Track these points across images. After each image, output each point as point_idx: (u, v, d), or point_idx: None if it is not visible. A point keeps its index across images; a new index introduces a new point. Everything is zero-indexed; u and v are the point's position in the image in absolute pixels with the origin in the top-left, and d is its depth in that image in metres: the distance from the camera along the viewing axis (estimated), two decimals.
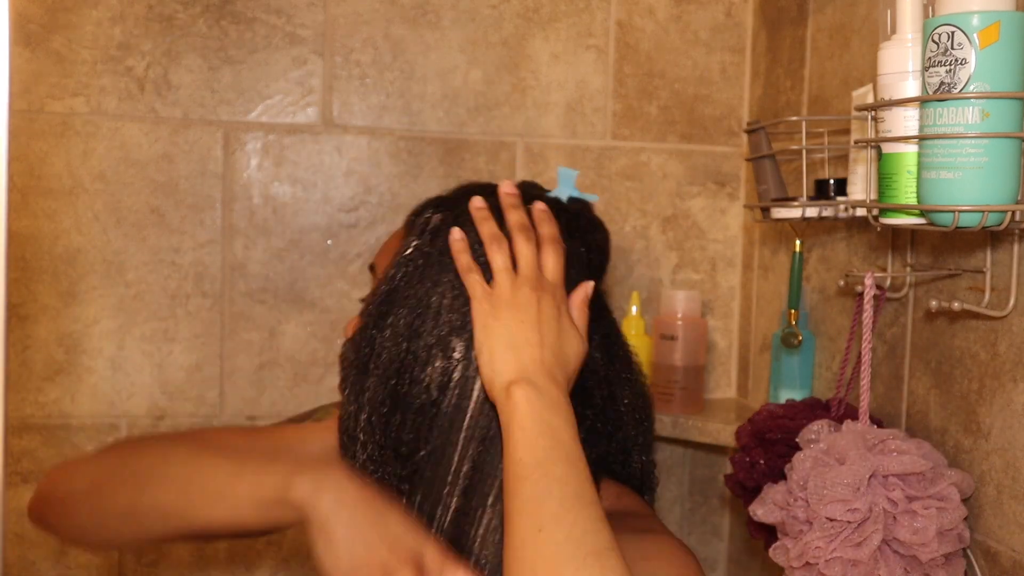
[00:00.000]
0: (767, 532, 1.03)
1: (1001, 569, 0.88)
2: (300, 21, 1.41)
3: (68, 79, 1.35)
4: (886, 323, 1.08)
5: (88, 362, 1.37)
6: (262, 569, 1.43)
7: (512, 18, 1.46)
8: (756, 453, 1.04)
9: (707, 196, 1.52)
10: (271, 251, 1.42)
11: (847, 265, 1.17)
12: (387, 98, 1.44)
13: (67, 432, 1.37)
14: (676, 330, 1.37)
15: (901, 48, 0.85)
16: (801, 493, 0.90)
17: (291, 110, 1.41)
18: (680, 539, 0.89)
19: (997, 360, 0.89)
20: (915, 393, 1.03)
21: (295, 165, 1.42)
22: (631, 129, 1.50)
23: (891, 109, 0.86)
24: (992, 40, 0.74)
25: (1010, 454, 0.87)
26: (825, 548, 0.88)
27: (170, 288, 1.39)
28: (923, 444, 0.91)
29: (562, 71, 1.47)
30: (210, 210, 1.40)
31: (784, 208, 1.06)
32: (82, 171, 1.36)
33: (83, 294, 1.37)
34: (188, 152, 1.39)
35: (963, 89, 0.76)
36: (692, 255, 1.52)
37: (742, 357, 1.52)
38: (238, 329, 1.41)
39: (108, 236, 1.37)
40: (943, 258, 0.98)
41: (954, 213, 0.77)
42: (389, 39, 1.43)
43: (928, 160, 0.79)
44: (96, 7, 1.36)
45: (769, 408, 1.08)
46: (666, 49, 1.50)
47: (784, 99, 1.38)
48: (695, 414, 1.37)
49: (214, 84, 1.39)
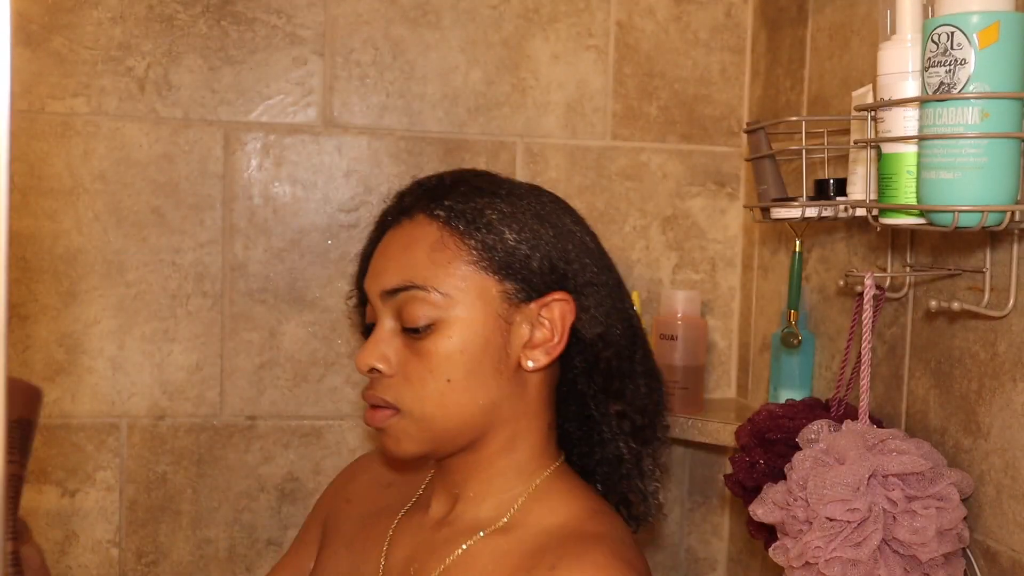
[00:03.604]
0: (767, 532, 1.03)
1: (1000, 569, 0.88)
2: (300, 21, 1.41)
3: (69, 79, 1.35)
4: (886, 323, 1.08)
5: (88, 362, 1.38)
6: (262, 569, 1.43)
7: (512, 18, 1.46)
8: (756, 453, 1.04)
9: (707, 196, 1.52)
10: (271, 251, 1.42)
11: (847, 265, 1.17)
12: (387, 98, 1.44)
13: (67, 432, 1.37)
14: (676, 330, 1.37)
15: (901, 48, 0.86)
16: (801, 493, 0.91)
17: (291, 110, 1.41)
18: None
19: (997, 360, 0.89)
20: (915, 393, 1.03)
21: (295, 165, 1.42)
22: (631, 129, 1.50)
23: (891, 109, 0.86)
24: (992, 40, 0.75)
25: (1009, 454, 0.87)
26: (825, 548, 0.88)
27: (170, 288, 1.39)
28: (923, 444, 0.92)
29: (562, 71, 1.47)
30: (210, 210, 1.40)
31: (784, 208, 1.06)
32: (83, 171, 1.36)
33: (83, 294, 1.37)
34: (188, 152, 1.39)
35: (963, 89, 0.76)
36: (692, 255, 1.53)
37: (742, 357, 1.52)
38: (238, 329, 1.41)
39: (108, 236, 1.37)
40: (943, 258, 0.98)
41: (954, 213, 0.77)
42: (389, 39, 1.43)
43: (928, 160, 0.79)
44: (96, 7, 1.36)
45: (769, 408, 1.08)
46: (666, 49, 1.50)
47: (784, 99, 1.38)
48: (695, 414, 1.37)
49: (214, 84, 1.39)
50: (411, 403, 0.92)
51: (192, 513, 1.42)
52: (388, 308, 0.94)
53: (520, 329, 0.93)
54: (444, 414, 0.92)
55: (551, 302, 0.93)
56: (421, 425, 0.92)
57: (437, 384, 0.91)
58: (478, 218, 0.94)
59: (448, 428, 0.93)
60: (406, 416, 0.93)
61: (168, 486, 1.41)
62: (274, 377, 1.42)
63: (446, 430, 0.93)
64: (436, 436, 0.93)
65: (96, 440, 1.38)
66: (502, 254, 0.93)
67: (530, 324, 0.93)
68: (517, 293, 0.93)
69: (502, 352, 0.92)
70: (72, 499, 1.38)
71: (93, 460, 1.38)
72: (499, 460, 0.96)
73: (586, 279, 0.96)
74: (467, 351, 0.91)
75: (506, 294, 0.93)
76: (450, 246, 0.93)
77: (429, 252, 0.93)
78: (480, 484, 0.96)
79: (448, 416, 0.92)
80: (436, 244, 0.93)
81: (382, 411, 0.94)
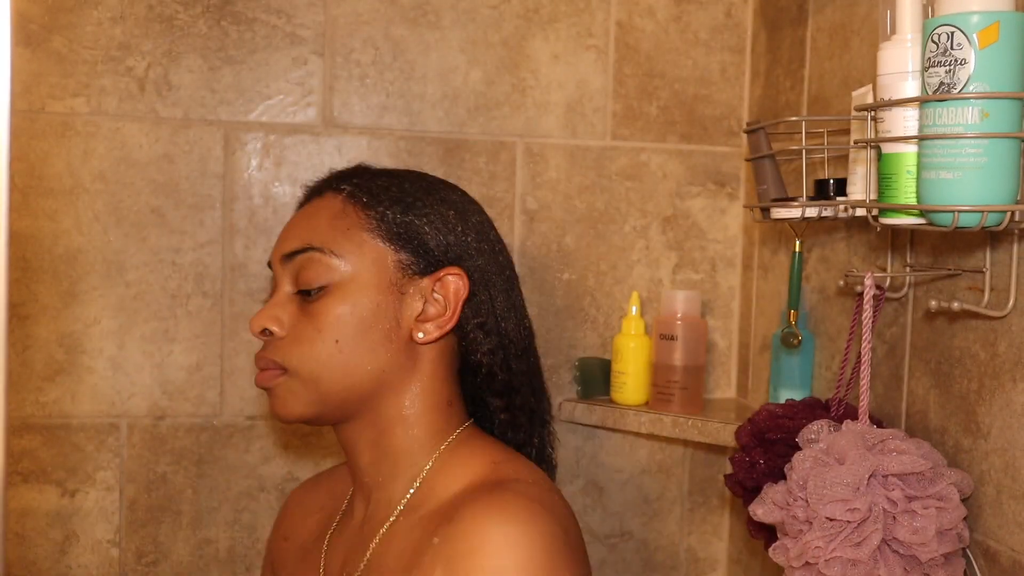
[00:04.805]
0: (767, 532, 1.03)
1: (1000, 569, 0.88)
2: (300, 21, 1.41)
3: (69, 79, 1.35)
4: (886, 323, 1.08)
5: (88, 362, 1.38)
6: None
7: (512, 18, 1.46)
8: (756, 453, 1.04)
9: (707, 196, 1.52)
10: (271, 251, 1.41)
11: (847, 265, 1.17)
12: (387, 98, 1.44)
13: (67, 432, 1.37)
14: (676, 330, 1.37)
15: (901, 48, 0.86)
16: (801, 493, 0.91)
17: (291, 110, 1.42)
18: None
19: (997, 360, 0.89)
20: (915, 393, 1.03)
21: (295, 165, 1.42)
22: (631, 129, 1.50)
23: (891, 109, 0.86)
24: (992, 40, 0.75)
25: (1009, 454, 0.87)
26: (825, 548, 0.88)
27: (170, 288, 1.39)
28: (923, 444, 0.92)
29: (562, 71, 1.47)
30: (210, 210, 1.40)
31: (784, 208, 1.06)
32: (83, 171, 1.36)
33: (83, 294, 1.37)
34: (188, 152, 1.39)
35: (963, 89, 0.76)
36: (692, 255, 1.53)
37: (742, 357, 1.52)
38: (238, 329, 1.41)
39: (108, 236, 1.37)
40: (943, 258, 0.98)
41: (954, 213, 0.77)
42: (389, 39, 1.43)
43: (928, 160, 0.79)
44: (96, 7, 1.36)
45: (769, 408, 1.08)
46: (666, 49, 1.50)
47: (784, 99, 1.38)
48: (695, 414, 1.37)
49: (214, 84, 1.39)
50: (298, 362, 0.93)
51: (192, 513, 1.42)
52: (287, 272, 0.97)
53: (413, 301, 0.95)
54: (330, 376, 0.93)
55: (444, 276, 0.96)
56: (308, 386, 0.94)
57: (325, 345, 0.93)
58: (382, 193, 0.98)
59: (333, 390, 0.94)
60: (293, 376, 0.94)
61: (168, 486, 1.41)
62: None
63: (332, 392, 0.94)
64: (322, 397, 0.94)
65: (96, 440, 1.38)
66: (400, 227, 0.96)
67: (423, 298, 0.96)
68: (412, 265, 0.96)
69: (393, 321, 0.94)
70: (72, 499, 1.38)
71: (93, 460, 1.38)
72: (397, 433, 0.96)
73: (482, 265, 0.99)
74: (356, 314, 0.93)
75: (400, 264, 0.95)
76: (351, 215, 0.96)
77: (331, 219, 0.96)
78: (387, 464, 0.97)
79: (334, 378, 0.93)
80: (338, 213, 0.97)
81: (270, 372, 0.95)
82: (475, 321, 0.98)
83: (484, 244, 1.00)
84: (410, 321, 0.95)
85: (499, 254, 1.02)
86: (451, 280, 0.96)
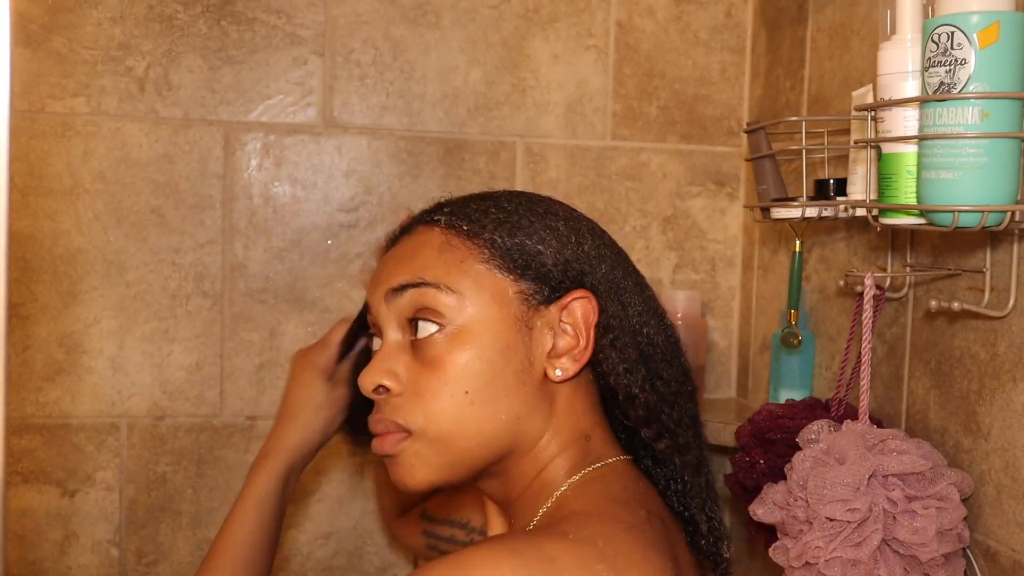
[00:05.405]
0: (767, 532, 1.03)
1: (1001, 569, 0.88)
2: (300, 21, 1.41)
3: (68, 79, 1.35)
4: (886, 323, 1.08)
5: (88, 362, 1.38)
6: None
7: (512, 18, 1.46)
8: (756, 453, 1.04)
9: (707, 196, 1.52)
10: (271, 251, 1.42)
11: (847, 265, 1.17)
12: (387, 98, 1.44)
13: (67, 432, 1.37)
14: (676, 330, 1.37)
15: (901, 48, 0.86)
16: (801, 493, 0.91)
17: (291, 110, 1.41)
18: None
19: (997, 360, 0.89)
20: (915, 393, 1.03)
21: (295, 165, 1.42)
22: (631, 129, 1.50)
23: (891, 109, 0.86)
24: (992, 40, 0.75)
25: (1010, 454, 0.87)
26: (825, 548, 0.88)
27: (170, 288, 1.39)
28: (923, 444, 0.92)
29: (562, 71, 1.47)
30: (210, 210, 1.40)
31: (784, 208, 1.06)
32: (82, 171, 1.36)
33: (83, 294, 1.37)
34: (188, 152, 1.39)
35: (963, 89, 0.76)
36: (692, 255, 1.53)
37: (742, 357, 1.52)
38: (238, 329, 1.41)
39: (108, 236, 1.37)
40: (943, 258, 0.98)
41: (954, 213, 0.77)
42: (389, 39, 1.43)
43: (928, 160, 0.79)
44: (96, 7, 1.36)
45: (769, 408, 1.08)
46: (666, 49, 1.50)
47: (784, 99, 1.38)
48: None
49: (214, 84, 1.39)
50: (425, 422, 0.82)
51: (192, 513, 1.42)
52: (393, 315, 0.85)
53: (542, 335, 0.84)
54: (462, 432, 0.82)
55: (571, 303, 0.84)
56: (438, 447, 0.82)
57: (454, 398, 0.81)
58: (482, 216, 0.86)
59: (467, 448, 0.82)
60: (419, 438, 0.82)
61: (168, 486, 1.41)
62: (274, 377, 1.42)
63: (464, 450, 0.82)
64: (454, 459, 0.83)
65: (96, 440, 1.38)
66: (514, 252, 0.84)
67: (551, 330, 0.84)
68: (536, 295, 0.84)
69: (525, 361, 0.83)
70: (72, 499, 1.38)
71: (93, 460, 1.38)
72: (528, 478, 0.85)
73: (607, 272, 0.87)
74: (486, 358, 0.81)
75: (523, 295, 0.83)
76: (457, 247, 0.84)
77: (438, 253, 0.84)
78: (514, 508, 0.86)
79: (466, 435, 0.82)
80: (443, 245, 0.85)
81: (393, 436, 0.83)
82: (607, 338, 0.85)
83: (603, 249, 0.88)
84: (542, 358, 0.83)
85: (620, 255, 0.90)
86: (578, 306, 0.84)
